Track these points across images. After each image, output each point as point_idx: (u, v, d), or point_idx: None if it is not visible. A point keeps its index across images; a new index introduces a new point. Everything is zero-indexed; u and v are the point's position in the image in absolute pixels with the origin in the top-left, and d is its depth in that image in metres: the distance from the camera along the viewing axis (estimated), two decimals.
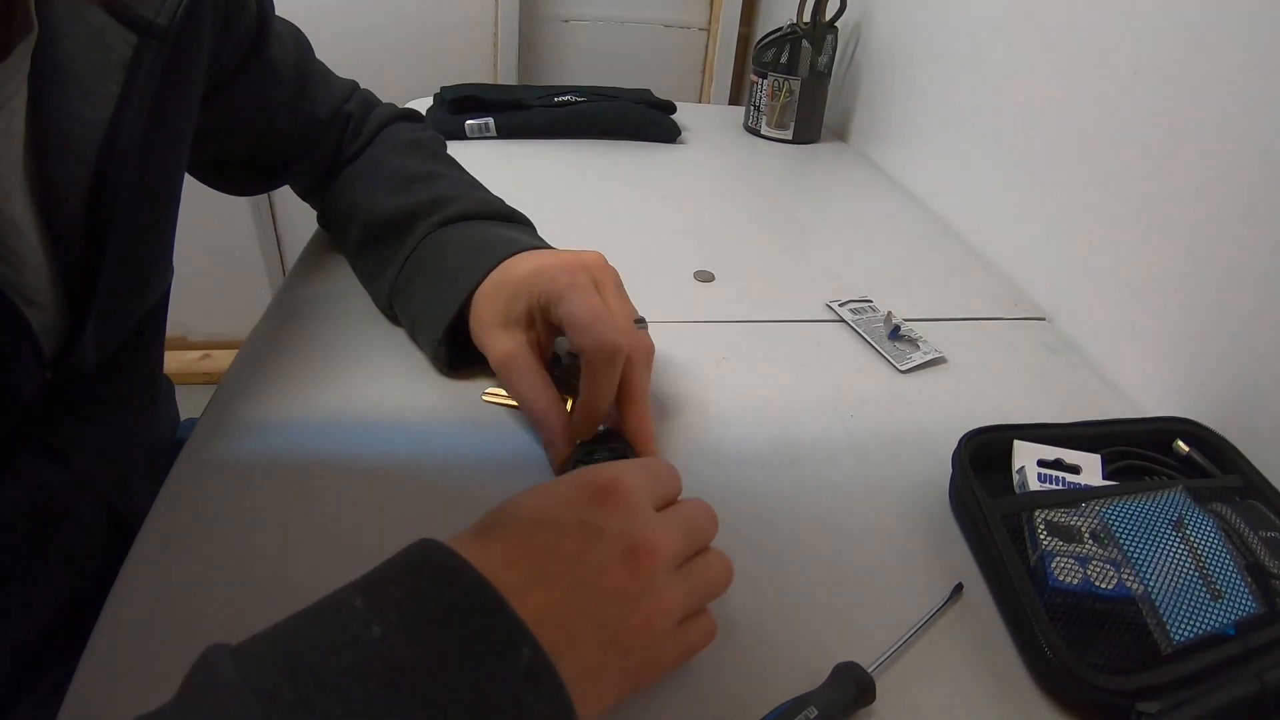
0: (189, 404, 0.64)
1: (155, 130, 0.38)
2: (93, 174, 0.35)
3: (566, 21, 1.67)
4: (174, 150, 0.43)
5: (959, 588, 0.39)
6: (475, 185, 0.59)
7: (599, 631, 0.27)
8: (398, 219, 0.54)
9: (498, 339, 0.46)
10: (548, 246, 0.51)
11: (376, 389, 0.50)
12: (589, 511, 0.29)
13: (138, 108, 0.36)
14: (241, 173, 0.60)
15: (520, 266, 0.46)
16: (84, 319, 0.37)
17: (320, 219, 0.66)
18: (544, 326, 0.46)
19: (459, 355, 0.50)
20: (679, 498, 0.34)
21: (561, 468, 0.43)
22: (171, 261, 0.48)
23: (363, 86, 0.67)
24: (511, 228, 0.54)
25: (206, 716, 0.22)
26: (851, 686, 0.32)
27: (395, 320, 0.55)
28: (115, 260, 0.37)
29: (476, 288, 0.47)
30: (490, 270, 0.47)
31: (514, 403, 0.49)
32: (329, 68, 0.64)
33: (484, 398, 0.49)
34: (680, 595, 0.30)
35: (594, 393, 0.42)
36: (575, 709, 0.25)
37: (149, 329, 0.47)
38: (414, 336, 0.53)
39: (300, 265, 0.64)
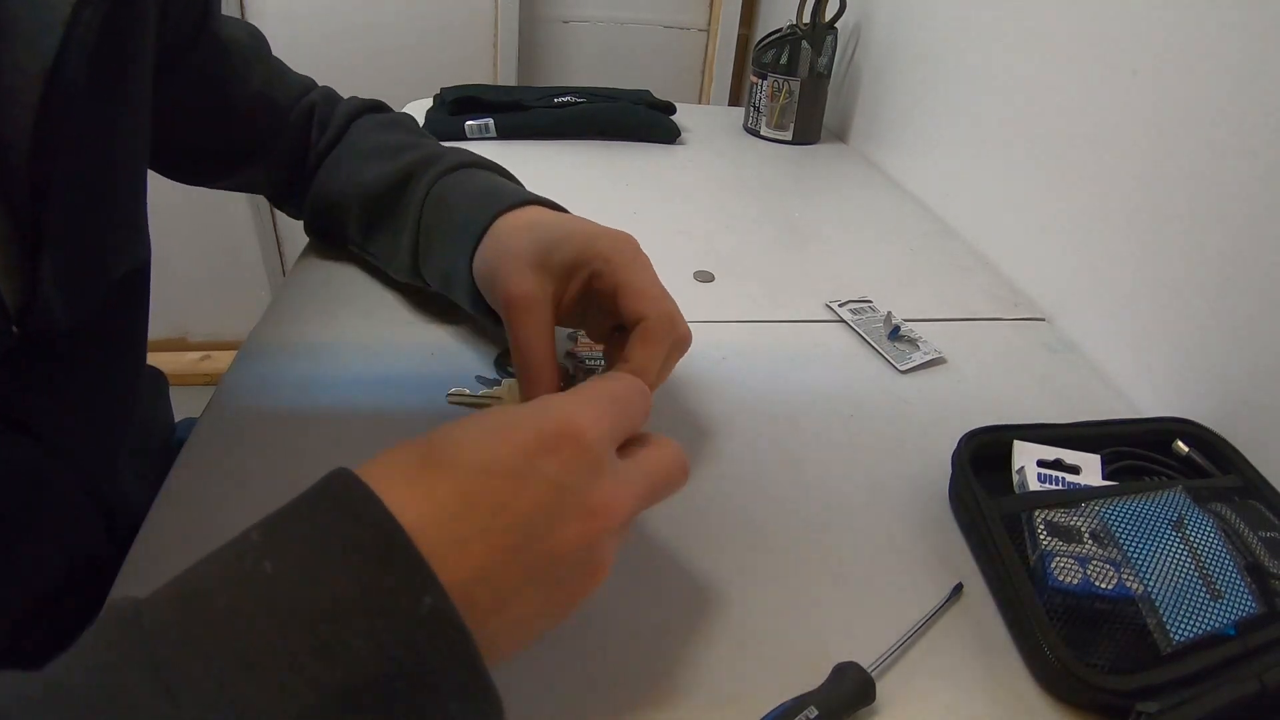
0: (189, 404, 0.63)
1: (100, 84, 0.38)
2: (35, 121, 0.35)
3: (566, 22, 1.67)
4: (126, 111, 0.42)
5: (959, 588, 0.39)
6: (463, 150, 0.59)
7: (538, 591, 0.26)
8: (394, 183, 0.53)
9: (524, 276, 0.42)
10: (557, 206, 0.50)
11: (376, 390, 0.50)
12: (546, 460, 0.27)
13: (78, 59, 0.36)
14: (200, 161, 0.59)
15: (565, 219, 0.44)
16: (38, 270, 0.37)
17: (308, 224, 0.63)
18: (579, 290, 0.42)
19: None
20: (644, 424, 0.33)
21: None
22: (145, 236, 0.48)
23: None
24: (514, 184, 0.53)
25: (97, 650, 0.21)
26: (851, 686, 0.32)
27: (425, 286, 0.54)
28: (65, 213, 0.37)
29: (502, 214, 0.45)
30: (515, 206, 0.46)
31: (483, 402, 0.48)
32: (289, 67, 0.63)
33: (448, 399, 0.49)
34: (617, 547, 0.29)
35: (644, 361, 0.39)
36: (483, 662, 0.23)
37: (125, 302, 0.46)
38: (449, 293, 0.51)
39: (300, 265, 0.64)
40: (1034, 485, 0.43)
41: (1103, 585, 0.36)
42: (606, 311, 0.43)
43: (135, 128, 0.44)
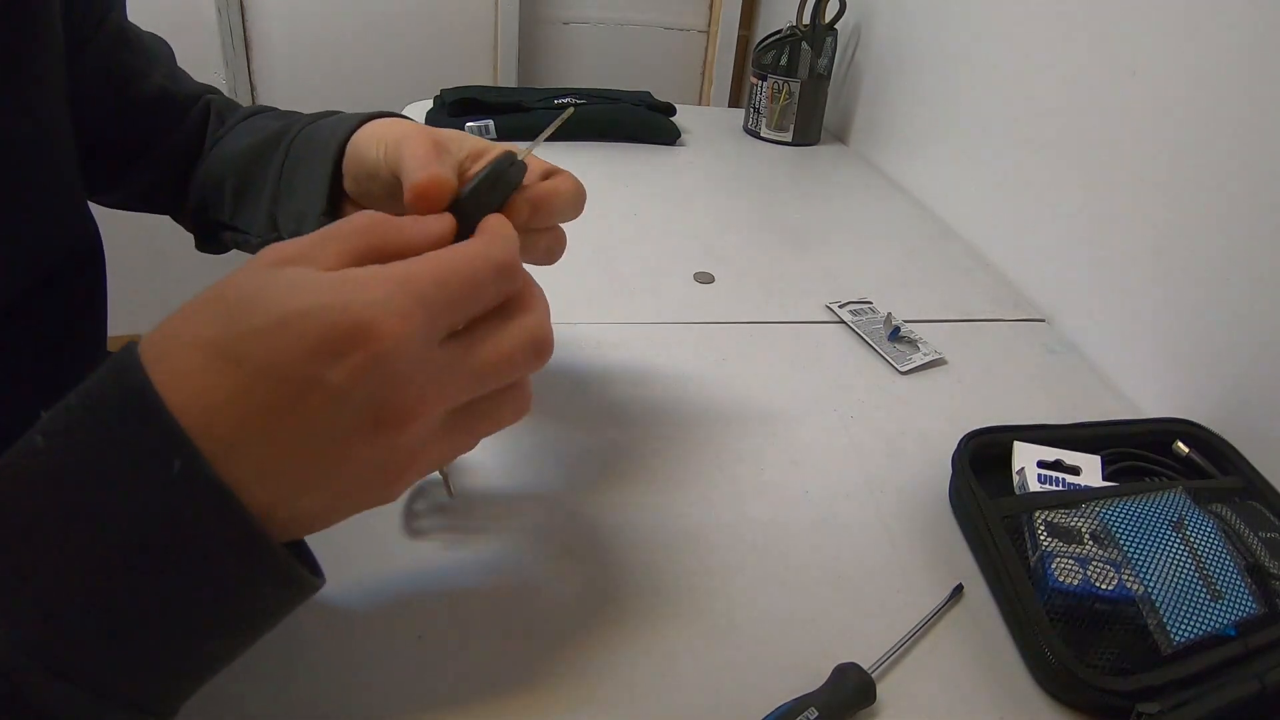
0: None
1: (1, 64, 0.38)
2: None
3: (567, 24, 1.67)
4: (36, 90, 0.41)
5: (959, 589, 0.39)
6: None
7: (330, 490, 0.25)
8: (264, 143, 0.49)
9: (429, 132, 0.38)
10: None
11: None
12: (330, 368, 0.23)
13: None
14: (95, 159, 0.53)
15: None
16: None
17: (194, 218, 0.56)
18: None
19: None
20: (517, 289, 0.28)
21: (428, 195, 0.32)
22: (85, 223, 0.47)
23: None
24: None
25: None
26: (851, 687, 0.32)
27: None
28: None
29: (376, 118, 0.42)
30: (389, 114, 0.43)
31: None
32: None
33: None
34: (442, 451, 0.27)
35: (557, 183, 0.38)
36: (258, 524, 0.23)
37: (71, 288, 0.46)
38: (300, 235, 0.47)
39: None
40: (1034, 486, 0.43)
41: (1103, 586, 0.36)
42: None
43: (50, 108, 0.43)
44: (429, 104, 1.05)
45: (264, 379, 0.23)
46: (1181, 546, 0.38)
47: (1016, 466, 0.45)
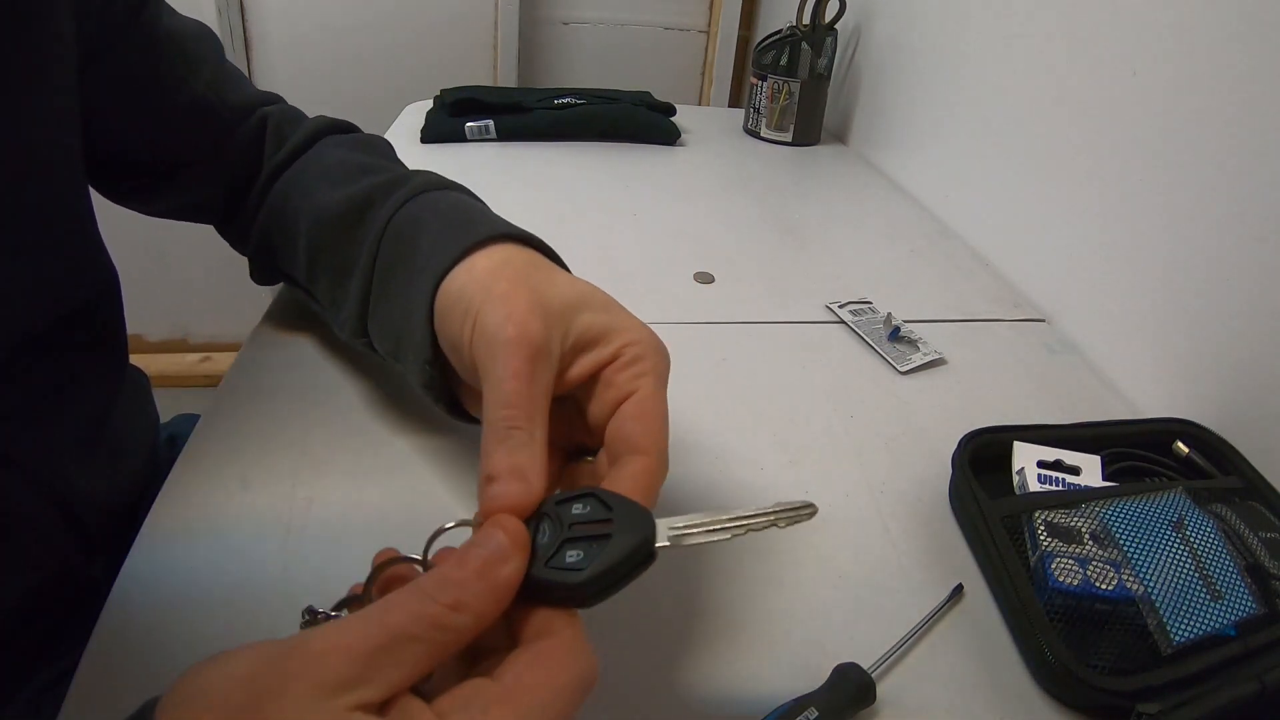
0: (190, 405, 0.64)
1: None
2: None
3: (566, 24, 1.67)
4: (29, 104, 0.37)
5: (959, 589, 0.39)
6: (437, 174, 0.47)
7: None
8: (350, 208, 0.43)
9: (531, 316, 0.30)
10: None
11: (379, 388, 0.50)
12: None
13: None
14: (123, 174, 0.50)
15: (571, 282, 0.34)
16: None
17: (253, 254, 0.52)
18: (583, 377, 0.32)
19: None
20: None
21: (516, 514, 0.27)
22: (96, 271, 0.46)
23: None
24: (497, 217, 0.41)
25: None
26: (851, 688, 0.32)
27: (370, 349, 0.42)
28: None
29: (483, 245, 0.35)
30: (500, 239, 0.36)
31: None
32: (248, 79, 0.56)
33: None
34: None
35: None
36: None
37: (86, 330, 0.44)
38: (399, 361, 0.39)
39: None
40: (1034, 486, 0.43)
41: (1103, 586, 0.36)
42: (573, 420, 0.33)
43: (55, 138, 0.40)
44: (429, 104, 1.05)
45: None
46: (1181, 546, 0.38)
47: (1016, 466, 0.45)
